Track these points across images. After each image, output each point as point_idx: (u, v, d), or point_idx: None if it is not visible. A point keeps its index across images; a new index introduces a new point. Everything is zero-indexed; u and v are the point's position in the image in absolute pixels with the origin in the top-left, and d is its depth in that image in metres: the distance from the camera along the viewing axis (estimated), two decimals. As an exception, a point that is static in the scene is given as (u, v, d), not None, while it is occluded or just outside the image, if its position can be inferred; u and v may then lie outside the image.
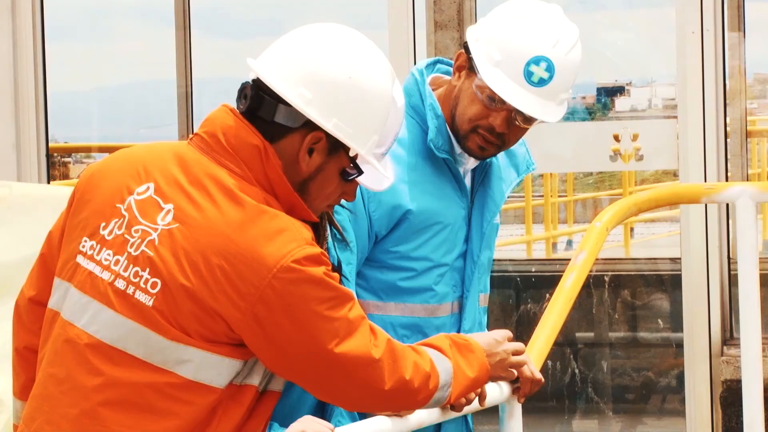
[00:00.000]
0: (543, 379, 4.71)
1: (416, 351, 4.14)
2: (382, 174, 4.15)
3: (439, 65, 5.29)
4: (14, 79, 8.16)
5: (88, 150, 9.77)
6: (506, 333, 4.63)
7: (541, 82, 4.94)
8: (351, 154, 3.97)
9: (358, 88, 4.06)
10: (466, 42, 4.97)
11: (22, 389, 4.21)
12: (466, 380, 4.31)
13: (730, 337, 7.90)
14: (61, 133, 7.87)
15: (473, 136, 4.95)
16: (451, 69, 5.12)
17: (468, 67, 4.94)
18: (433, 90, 5.15)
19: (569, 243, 12.35)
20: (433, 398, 4.15)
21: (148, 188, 4.01)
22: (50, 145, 8.12)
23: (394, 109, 4.17)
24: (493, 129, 4.90)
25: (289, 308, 3.88)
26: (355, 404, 4.26)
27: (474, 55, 4.91)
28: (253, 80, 3.99)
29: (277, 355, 3.94)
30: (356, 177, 4.06)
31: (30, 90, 8.15)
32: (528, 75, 4.93)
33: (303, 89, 3.94)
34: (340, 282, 4.18)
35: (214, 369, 3.92)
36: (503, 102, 4.84)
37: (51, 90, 8.23)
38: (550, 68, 4.96)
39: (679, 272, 7.91)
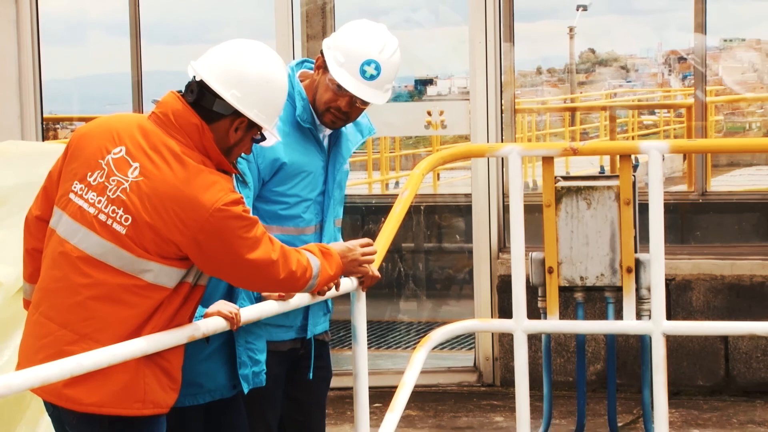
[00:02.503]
0: (380, 276, 5.57)
1: (298, 252, 4.74)
2: (274, 137, 4.95)
3: (305, 63, 5.77)
4: (18, 70, 8.71)
5: (70, 120, 10.05)
6: (361, 241, 5.34)
7: (372, 78, 5.53)
8: (262, 128, 4.69)
9: (270, 88, 4.71)
10: (322, 49, 5.55)
11: (30, 276, 4.81)
12: (327, 275, 4.91)
13: (503, 246, 8.26)
14: (51, 108, 8.48)
15: (327, 114, 5.57)
16: (314, 66, 5.65)
17: (323, 66, 5.51)
18: (302, 81, 5.62)
19: (397, 184, 12.72)
20: (308, 285, 4.82)
21: (121, 150, 4.54)
22: (44, 116, 8.64)
23: (278, 85, 4.79)
24: (340, 109, 5.54)
25: (220, 235, 4.49)
26: (260, 289, 4.98)
27: (327, 58, 5.50)
28: (198, 80, 4.54)
29: (210, 264, 4.57)
30: (261, 141, 4.83)
31: (29, 77, 8.72)
32: (362, 72, 5.52)
33: (235, 90, 4.55)
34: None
35: (166, 276, 4.53)
36: (346, 91, 5.47)
37: (44, 77, 8.80)
38: (377, 68, 5.54)
39: (470, 203, 8.40)
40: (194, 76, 4.56)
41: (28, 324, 4.65)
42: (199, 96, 4.55)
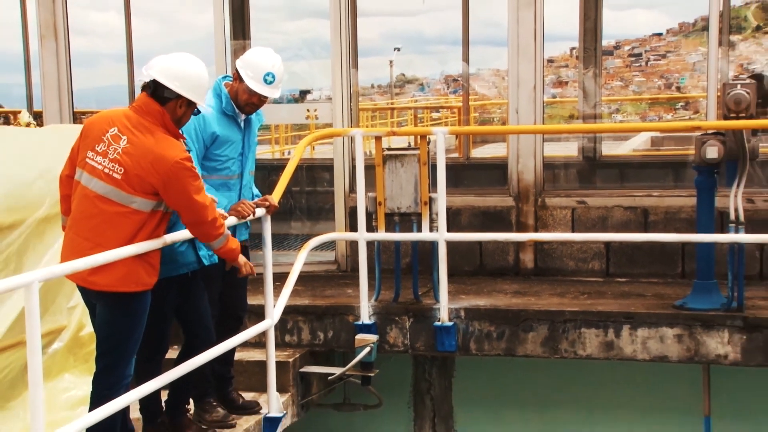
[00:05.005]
0: (278, 206, 5.64)
1: (221, 216, 4.77)
2: (205, 109, 4.90)
3: (228, 77, 5.52)
4: (58, 82, 8.12)
5: (91, 112, 9.13)
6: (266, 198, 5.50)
7: (270, 82, 5.36)
8: (198, 105, 4.64)
9: (197, 78, 4.58)
10: (236, 67, 5.39)
11: (65, 211, 4.72)
12: (230, 246, 4.75)
13: (352, 189, 7.71)
14: (77, 105, 8.12)
15: (246, 106, 5.40)
16: (232, 78, 5.44)
17: (239, 78, 5.34)
18: (226, 86, 5.40)
19: (289, 152, 11.87)
20: (219, 239, 4.67)
21: (114, 129, 4.47)
22: (74, 110, 8.12)
23: (201, 74, 4.65)
24: (254, 103, 5.39)
25: (177, 179, 4.43)
26: (192, 224, 4.62)
27: (241, 74, 5.33)
28: (153, 79, 4.50)
29: (170, 199, 4.48)
30: (198, 114, 4.76)
31: (64, 86, 8.13)
32: (265, 80, 5.34)
33: (177, 83, 4.50)
34: None
35: (144, 205, 4.46)
36: (256, 92, 5.32)
37: (74, 87, 8.14)
38: (273, 76, 5.37)
39: (332, 164, 7.93)
40: (149, 77, 4.53)
41: (64, 240, 4.59)
42: (155, 88, 4.52)
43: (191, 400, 5.57)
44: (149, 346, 4.82)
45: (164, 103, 4.52)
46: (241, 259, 4.93)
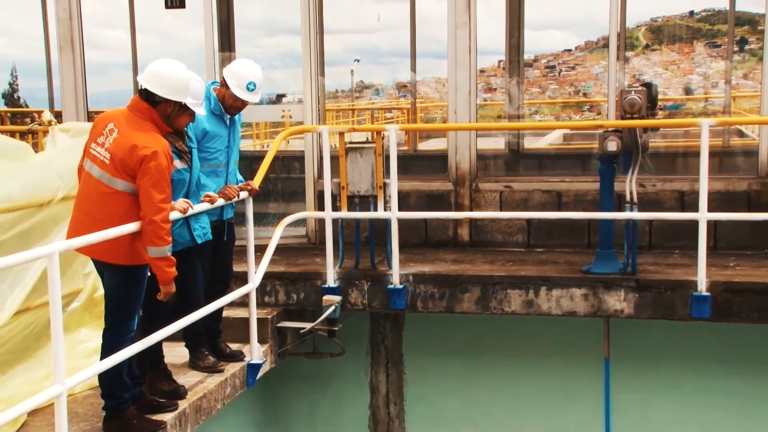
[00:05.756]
0: (259, 189, 5.62)
1: (168, 235, 4.31)
2: (199, 110, 4.59)
3: (216, 82, 5.45)
4: (74, 88, 7.99)
5: (101, 111, 9.29)
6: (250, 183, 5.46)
7: (252, 90, 5.31)
8: (190, 106, 4.51)
9: (180, 84, 4.43)
10: (223, 76, 5.35)
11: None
12: (164, 271, 4.35)
13: (320, 176, 7.62)
14: (91, 107, 7.93)
15: (231, 108, 5.33)
16: (220, 84, 5.38)
17: (226, 85, 5.28)
18: (215, 91, 5.33)
19: (268, 145, 11.67)
20: (159, 248, 4.27)
21: (112, 124, 4.39)
22: (88, 110, 7.98)
23: (197, 84, 4.56)
24: (237, 106, 5.33)
25: (145, 169, 4.25)
26: (142, 214, 4.29)
27: (227, 81, 5.28)
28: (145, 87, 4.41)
29: (138, 185, 4.28)
30: (191, 112, 4.56)
31: (80, 91, 8.00)
32: (248, 88, 5.29)
33: (166, 89, 4.40)
34: (189, 158, 4.83)
35: (126, 186, 4.30)
36: (240, 98, 5.28)
37: (88, 91, 8.02)
38: (254, 84, 5.31)
39: (303, 155, 7.82)
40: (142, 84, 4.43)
41: (71, 217, 4.50)
42: (147, 94, 4.41)
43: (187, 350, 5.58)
44: (150, 306, 4.74)
45: (155, 105, 4.41)
46: (170, 287, 4.44)
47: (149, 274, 4.52)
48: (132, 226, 4.29)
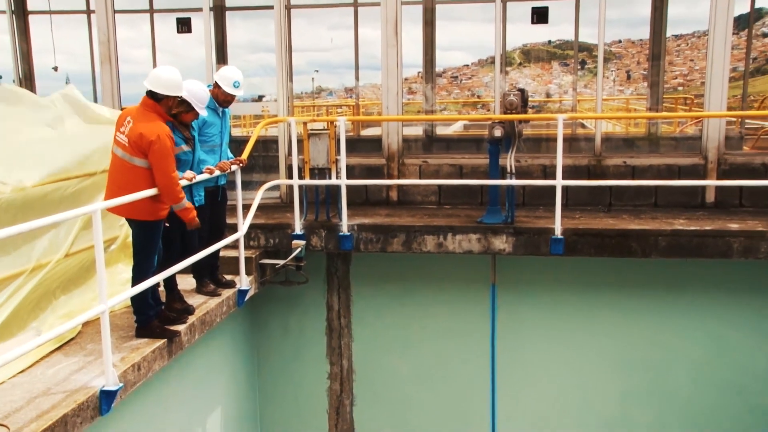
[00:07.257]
0: (246, 163, 5.51)
1: (180, 189, 4.24)
2: (201, 111, 4.53)
3: (210, 85, 5.20)
4: (112, 89, 7.59)
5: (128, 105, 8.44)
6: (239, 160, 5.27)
7: (237, 87, 5.09)
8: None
9: (174, 83, 4.24)
10: (215, 78, 5.14)
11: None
12: (189, 212, 4.38)
13: (289, 153, 7.34)
14: (124, 103, 7.35)
15: (222, 102, 5.14)
16: (213, 86, 5.17)
17: (218, 86, 5.09)
18: (210, 91, 5.09)
19: (251, 132, 10.51)
20: (180, 202, 4.27)
21: (129, 117, 4.23)
22: (122, 107, 7.38)
23: (203, 93, 4.43)
24: (227, 100, 5.13)
25: (154, 150, 4.12)
26: (160, 186, 4.18)
27: (219, 82, 5.08)
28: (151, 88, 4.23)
29: (151, 162, 4.15)
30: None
31: (116, 92, 7.63)
32: (233, 85, 5.07)
33: (163, 87, 4.21)
34: (192, 142, 4.69)
35: (142, 162, 4.17)
36: (229, 93, 5.09)
37: (122, 93, 7.58)
38: (239, 83, 5.09)
39: (277, 139, 7.42)
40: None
41: (106, 186, 4.30)
42: (151, 93, 4.22)
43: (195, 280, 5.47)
44: (165, 250, 4.64)
45: (159, 101, 4.22)
46: (193, 221, 4.44)
47: (166, 225, 4.46)
48: (149, 192, 4.19)
